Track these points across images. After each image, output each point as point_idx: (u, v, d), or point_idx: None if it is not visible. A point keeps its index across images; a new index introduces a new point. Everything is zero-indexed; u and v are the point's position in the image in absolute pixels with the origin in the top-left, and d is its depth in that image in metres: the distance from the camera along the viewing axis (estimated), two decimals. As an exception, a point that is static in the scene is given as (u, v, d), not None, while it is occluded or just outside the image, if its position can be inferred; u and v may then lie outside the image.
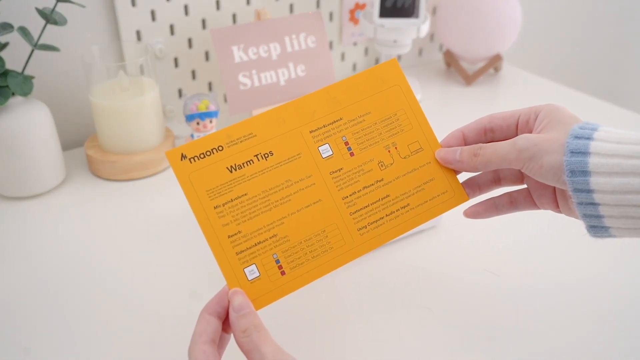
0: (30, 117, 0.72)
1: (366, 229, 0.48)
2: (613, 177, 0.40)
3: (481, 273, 0.62)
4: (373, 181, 0.49)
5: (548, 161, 0.43)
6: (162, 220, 0.71)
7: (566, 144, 0.42)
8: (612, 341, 0.54)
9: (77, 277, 0.62)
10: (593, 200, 0.42)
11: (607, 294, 0.59)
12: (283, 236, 0.46)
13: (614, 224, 0.42)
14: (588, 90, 1.10)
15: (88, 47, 0.79)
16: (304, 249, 0.47)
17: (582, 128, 0.43)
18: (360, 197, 0.49)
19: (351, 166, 0.49)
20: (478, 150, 0.47)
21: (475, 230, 0.66)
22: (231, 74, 0.85)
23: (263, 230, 0.46)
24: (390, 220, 0.49)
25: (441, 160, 0.50)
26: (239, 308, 0.43)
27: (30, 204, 0.74)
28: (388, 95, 0.51)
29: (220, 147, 0.47)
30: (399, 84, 0.52)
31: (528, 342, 0.54)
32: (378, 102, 0.51)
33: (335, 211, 0.48)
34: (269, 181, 0.47)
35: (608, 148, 0.41)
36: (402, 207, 0.49)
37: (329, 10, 1.01)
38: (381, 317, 0.56)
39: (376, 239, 0.48)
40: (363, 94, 0.51)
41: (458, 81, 1.10)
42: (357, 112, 0.50)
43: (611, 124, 0.45)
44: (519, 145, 0.44)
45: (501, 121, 0.49)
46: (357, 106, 0.50)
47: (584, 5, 1.42)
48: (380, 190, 0.49)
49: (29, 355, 0.53)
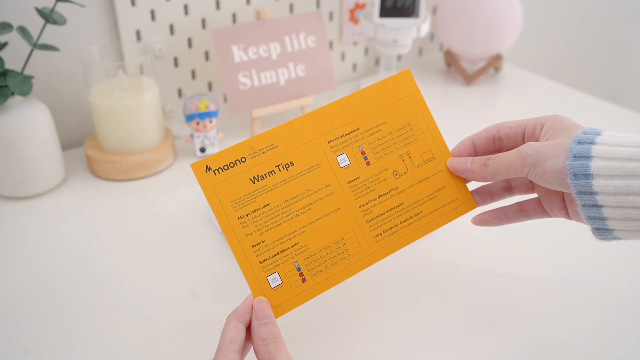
0: (29, 117, 0.71)
1: (382, 235, 0.50)
2: (615, 180, 0.41)
3: (481, 273, 0.62)
4: (388, 189, 0.51)
5: (550, 165, 0.44)
6: (162, 220, 0.71)
7: (569, 149, 0.43)
8: (613, 339, 0.54)
9: (77, 277, 0.62)
10: (596, 202, 0.43)
11: (608, 294, 0.59)
12: (304, 244, 0.48)
13: (618, 226, 0.43)
14: (588, 90, 1.10)
15: (87, 46, 0.79)
16: (324, 257, 0.48)
17: (586, 133, 0.44)
18: (376, 205, 0.50)
19: (367, 175, 0.51)
20: (487, 160, 0.49)
21: (475, 230, 0.66)
22: (231, 73, 0.85)
23: (285, 239, 0.48)
24: (404, 227, 0.51)
25: (452, 169, 0.52)
26: (262, 317, 0.44)
27: (30, 204, 0.74)
28: (402, 105, 0.53)
29: (244, 158, 0.48)
30: (412, 94, 0.53)
31: (528, 340, 0.54)
32: (393, 112, 0.52)
33: (352, 219, 0.50)
34: (290, 191, 0.49)
35: (610, 151, 0.42)
36: (415, 214, 0.51)
37: (329, 10, 1.01)
38: (381, 317, 0.56)
39: (391, 246, 0.50)
40: (378, 104, 0.52)
41: (458, 81, 1.10)
42: (373, 122, 0.52)
43: (611, 123, 0.45)
44: (523, 152, 0.46)
45: (508, 130, 0.51)
46: (373, 116, 0.52)
47: (584, 5, 1.42)
48: (395, 198, 0.51)
49: (28, 355, 0.53)
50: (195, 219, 0.70)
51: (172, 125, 0.91)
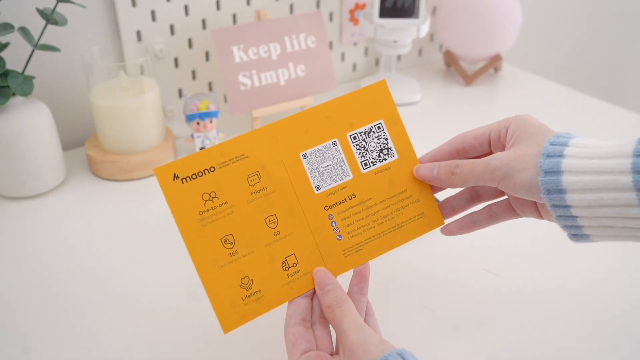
0: (30, 117, 0.72)
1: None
2: (587, 194, 0.41)
3: (480, 273, 0.62)
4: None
5: (520, 179, 0.44)
6: (162, 220, 0.71)
7: (539, 164, 0.43)
8: (612, 341, 0.54)
9: (77, 276, 0.62)
10: (571, 213, 0.43)
11: (607, 293, 0.59)
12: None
13: (594, 232, 0.44)
14: (587, 91, 1.10)
15: (88, 47, 0.80)
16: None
17: (553, 144, 0.43)
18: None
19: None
20: (455, 169, 0.48)
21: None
22: (231, 74, 0.85)
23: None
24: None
25: (419, 177, 0.51)
26: (322, 285, 0.46)
27: (30, 204, 0.74)
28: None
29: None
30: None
31: (528, 341, 0.54)
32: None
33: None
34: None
35: (579, 165, 0.42)
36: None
37: (329, 10, 1.01)
38: (381, 317, 0.57)
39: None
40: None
41: (458, 81, 1.10)
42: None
43: (611, 124, 0.45)
44: (491, 165, 0.45)
45: (473, 140, 0.50)
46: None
47: (584, 6, 1.42)
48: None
49: (29, 355, 0.53)
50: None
51: (172, 125, 0.91)
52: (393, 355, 0.39)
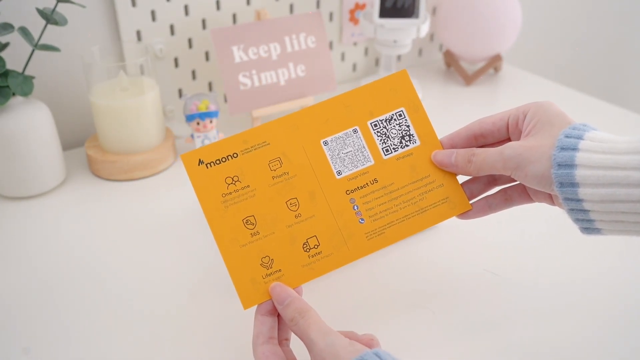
0: (30, 117, 0.72)
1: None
2: (600, 188, 0.41)
3: (481, 273, 0.62)
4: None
5: (532, 170, 0.44)
6: (162, 220, 0.71)
7: (552, 156, 0.43)
8: (613, 339, 0.54)
9: (77, 277, 0.62)
10: (583, 207, 0.43)
11: (608, 292, 0.59)
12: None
13: (605, 227, 0.44)
14: (588, 90, 1.10)
15: (88, 47, 0.80)
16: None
17: (568, 136, 0.44)
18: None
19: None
20: (471, 157, 0.49)
21: (475, 230, 0.66)
22: (231, 74, 0.85)
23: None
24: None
25: (438, 163, 0.51)
26: (281, 300, 0.45)
27: (30, 204, 0.74)
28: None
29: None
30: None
31: (529, 341, 0.54)
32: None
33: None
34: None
35: (594, 160, 0.42)
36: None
37: (329, 10, 1.01)
38: (381, 317, 0.57)
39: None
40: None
41: (458, 81, 1.10)
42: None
43: (611, 124, 0.45)
44: (505, 154, 0.46)
45: (491, 125, 0.50)
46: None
47: (584, 6, 1.42)
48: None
49: (28, 355, 0.53)
50: (195, 218, 0.70)
51: (172, 125, 0.91)
52: (369, 355, 0.39)
